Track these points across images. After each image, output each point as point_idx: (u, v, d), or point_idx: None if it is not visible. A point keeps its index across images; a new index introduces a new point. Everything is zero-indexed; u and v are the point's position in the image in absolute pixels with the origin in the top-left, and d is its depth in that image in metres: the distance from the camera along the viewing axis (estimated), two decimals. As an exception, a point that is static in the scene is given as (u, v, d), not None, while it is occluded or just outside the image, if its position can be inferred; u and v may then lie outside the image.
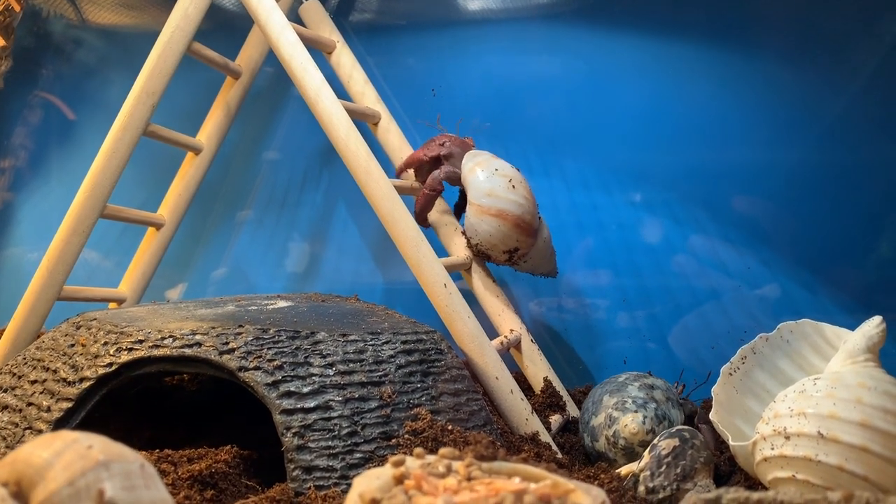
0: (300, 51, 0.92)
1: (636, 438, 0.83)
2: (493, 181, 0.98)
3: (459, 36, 1.24)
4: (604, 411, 0.87)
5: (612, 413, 0.86)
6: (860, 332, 0.71)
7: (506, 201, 0.97)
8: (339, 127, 0.91)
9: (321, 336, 0.74)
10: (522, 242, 1.00)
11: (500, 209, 0.97)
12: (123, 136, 0.99)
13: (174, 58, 1.00)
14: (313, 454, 0.66)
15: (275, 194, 1.33)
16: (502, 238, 0.98)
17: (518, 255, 1.02)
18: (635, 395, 0.86)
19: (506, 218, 0.97)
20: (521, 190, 0.99)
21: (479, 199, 0.98)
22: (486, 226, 0.98)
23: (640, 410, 0.85)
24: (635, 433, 0.83)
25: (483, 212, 0.97)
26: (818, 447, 0.63)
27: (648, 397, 0.86)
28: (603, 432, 0.86)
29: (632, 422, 0.84)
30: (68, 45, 1.44)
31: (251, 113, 1.31)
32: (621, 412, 0.85)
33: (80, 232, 0.99)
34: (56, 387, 0.74)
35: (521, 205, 0.98)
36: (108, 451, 0.43)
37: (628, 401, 0.86)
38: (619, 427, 0.84)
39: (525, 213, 0.98)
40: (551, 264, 1.08)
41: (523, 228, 0.98)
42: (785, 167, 1.09)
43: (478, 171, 0.99)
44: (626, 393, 0.87)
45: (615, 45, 1.17)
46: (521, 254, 1.02)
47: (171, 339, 0.73)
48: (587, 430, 0.89)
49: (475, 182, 0.99)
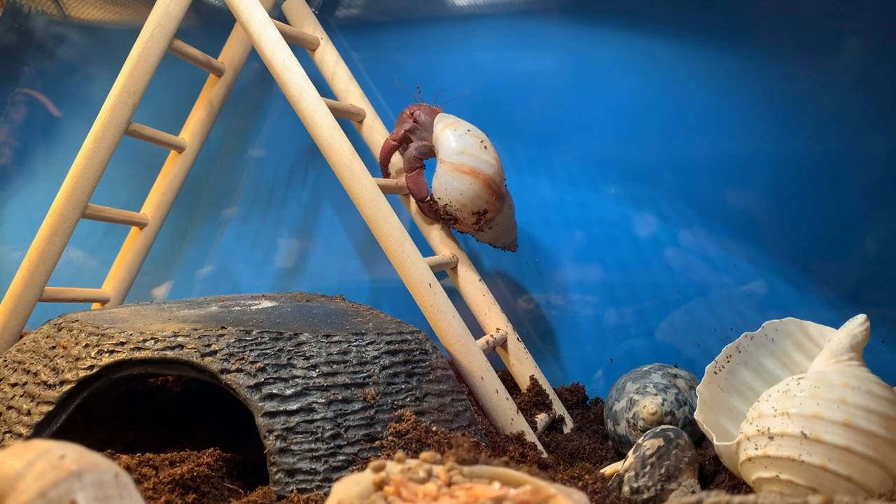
0: (282, 48, 0.91)
1: (654, 419, 0.87)
2: (465, 140, 0.98)
3: (445, 32, 1.23)
4: (626, 396, 0.91)
5: (633, 396, 0.90)
6: (844, 331, 0.70)
7: (478, 160, 0.97)
8: (322, 126, 0.90)
9: (304, 337, 0.73)
10: (491, 205, 0.99)
11: (473, 167, 0.97)
12: (104, 136, 0.98)
13: (155, 56, 0.99)
14: (296, 457, 0.66)
15: (260, 192, 1.32)
16: (472, 198, 0.98)
17: (485, 219, 1.01)
18: (657, 381, 0.90)
19: (478, 176, 0.96)
20: (492, 152, 1.00)
21: (451, 156, 0.97)
22: (457, 183, 0.97)
23: (659, 394, 0.88)
24: (653, 414, 0.87)
25: (455, 169, 0.97)
26: (802, 447, 0.63)
27: (670, 384, 0.89)
28: (624, 416, 0.90)
29: (650, 403, 0.87)
30: (50, 42, 1.42)
31: (236, 110, 1.30)
32: (642, 395, 0.89)
33: (61, 232, 0.98)
34: (36, 390, 0.73)
35: (492, 165, 0.98)
36: (82, 461, 0.43)
37: (650, 385, 0.90)
38: (638, 409, 0.88)
39: (495, 175, 0.98)
40: (513, 236, 1.08)
41: (493, 190, 0.98)
42: (771, 163, 1.09)
43: (448, 131, 0.99)
44: (648, 380, 0.91)
45: (602, 40, 1.17)
46: (489, 218, 1.01)
47: (152, 341, 0.72)
48: (610, 416, 0.92)
49: (447, 141, 0.98)
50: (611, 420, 0.92)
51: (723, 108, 1.11)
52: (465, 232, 1.05)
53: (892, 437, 0.62)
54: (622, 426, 0.90)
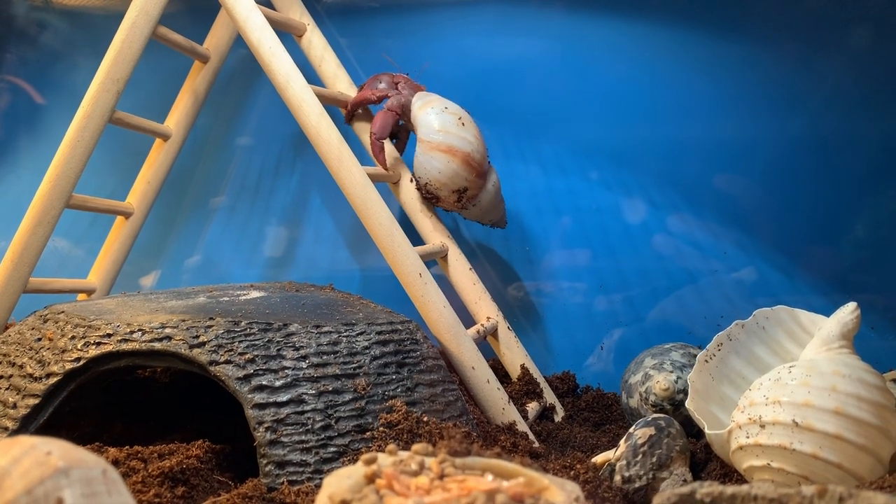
0: (268, 35, 0.90)
1: (666, 395, 0.88)
2: (443, 118, 0.97)
3: (434, 18, 1.22)
4: (642, 370, 0.92)
5: (649, 371, 0.91)
6: (835, 319, 0.71)
7: (456, 137, 0.97)
8: (309, 114, 0.89)
9: (294, 328, 0.73)
10: (472, 183, 0.99)
11: (450, 145, 0.96)
12: (88, 125, 0.96)
13: (139, 43, 0.97)
14: (286, 449, 0.65)
15: (248, 180, 1.31)
16: (451, 176, 0.97)
17: (467, 198, 1.01)
18: (676, 359, 0.91)
19: (455, 154, 0.96)
20: (471, 128, 0.99)
21: (428, 135, 0.97)
22: (435, 162, 0.97)
23: (675, 372, 0.90)
24: (665, 390, 0.88)
25: (433, 147, 0.96)
26: (793, 435, 0.63)
27: (688, 363, 0.90)
28: (638, 389, 0.91)
29: (664, 380, 0.89)
30: (33, 29, 1.39)
31: (223, 98, 1.29)
32: (657, 371, 0.90)
33: (45, 223, 0.96)
34: (22, 382, 0.72)
35: (470, 142, 0.98)
36: (68, 457, 0.42)
37: (667, 363, 0.91)
38: (651, 384, 0.90)
39: (474, 152, 0.98)
40: (500, 212, 1.08)
41: (473, 167, 0.98)
42: (762, 150, 1.09)
43: (427, 108, 0.99)
44: (667, 357, 0.92)
45: (592, 27, 1.16)
46: (471, 196, 1.01)
47: (140, 332, 0.71)
48: (625, 388, 0.94)
49: (425, 119, 0.98)
50: (625, 392, 0.94)
51: (713, 94, 1.11)
52: (450, 210, 1.05)
53: (883, 425, 0.63)
54: (635, 399, 0.91)
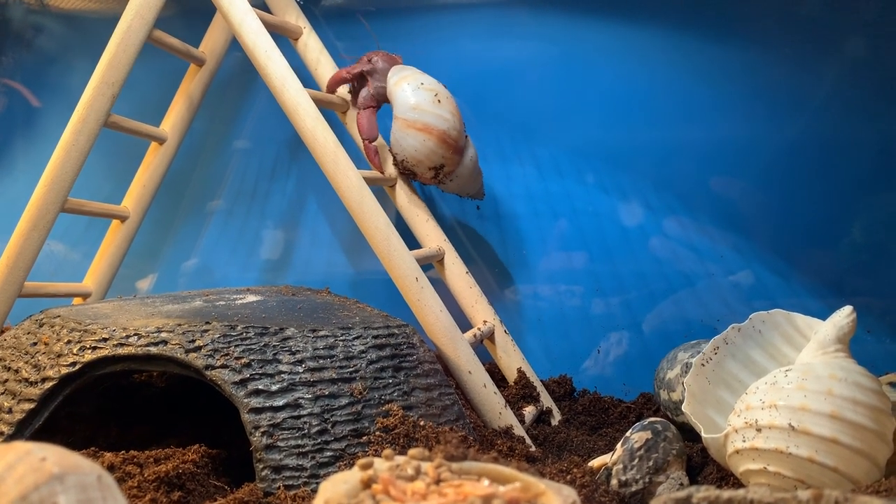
0: (264, 38, 0.90)
1: None
2: (418, 95, 0.97)
3: (430, 21, 1.22)
4: (679, 364, 0.92)
5: (689, 361, 0.90)
6: (831, 323, 0.71)
7: (431, 115, 0.97)
8: (305, 117, 0.89)
9: (290, 332, 0.72)
10: (448, 159, 0.99)
11: (426, 123, 0.96)
12: (83, 129, 0.96)
13: (134, 47, 0.97)
14: (282, 453, 0.65)
15: (245, 184, 1.30)
16: (428, 154, 0.97)
17: (444, 173, 1.01)
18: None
19: (431, 132, 0.96)
20: (447, 105, 0.99)
21: (404, 113, 0.97)
22: (411, 140, 0.97)
23: None
24: None
25: (408, 125, 0.96)
26: (789, 439, 0.63)
27: None
28: (680, 380, 0.90)
29: None
30: (28, 32, 1.39)
31: (219, 101, 1.28)
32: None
33: (40, 227, 0.96)
34: (18, 387, 0.72)
35: (446, 119, 0.98)
36: (63, 463, 0.42)
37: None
38: None
39: (451, 129, 0.98)
40: (478, 185, 1.08)
41: (449, 144, 0.98)
42: (758, 153, 1.09)
43: (403, 84, 0.98)
44: (699, 349, 0.91)
45: (588, 30, 1.16)
46: (447, 171, 1.01)
47: (136, 336, 0.71)
48: (663, 385, 0.94)
49: (401, 96, 0.98)
50: (665, 389, 0.93)
51: (709, 97, 1.11)
52: (427, 184, 1.05)
53: (879, 429, 0.63)
54: (678, 391, 0.91)
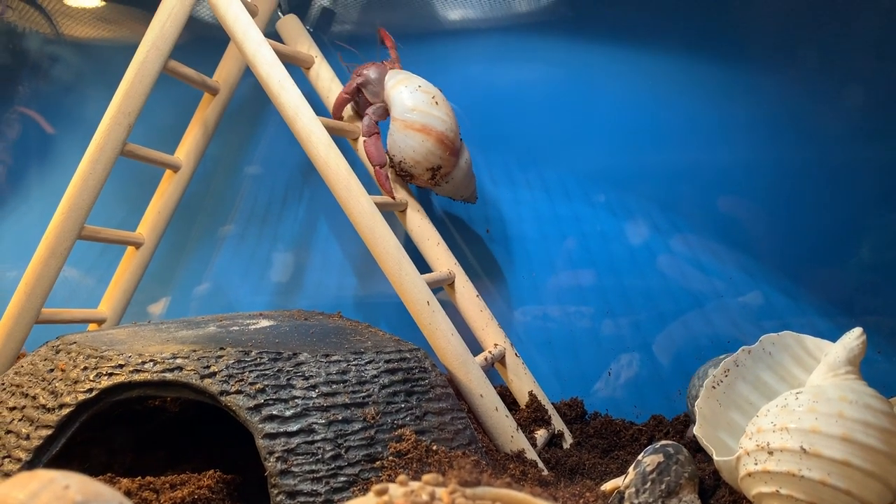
0: (277, 69, 0.92)
1: None
2: (416, 97, 0.99)
3: (439, 48, 1.24)
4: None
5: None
6: (841, 345, 0.71)
7: (430, 116, 0.98)
8: (318, 145, 0.90)
9: (303, 357, 0.73)
10: (445, 161, 1.00)
11: (424, 124, 0.98)
12: (100, 157, 0.98)
13: (150, 77, 0.99)
14: (297, 478, 0.66)
15: (256, 209, 1.32)
16: (426, 155, 0.99)
17: (440, 175, 1.02)
18: None
19: (430, 133, 0.97)
20: (444, 107, 1.00)
21: (402, 114, 0.98)
22: (410, 141, 0.98)
23: None
24: None
25: (407, 126, 0.98)
26: (801, 462, 0.63)
27: None
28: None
29: None
30: (45, 62, 1.42)
31: (231, 127, 1.30)
32: None
33: (57, 254, 0.98)
34: (35, 413, 0.72)
35: (444, 121, 0.99)
36: (86, 491, 0.43)
37: None
38: None
39: (448, 131, 0.99)
40: (471, 189, 1.10)
41: (446, 145, 0.99)
42: (765, 174, 1.10)
43: (401, 87, 1.00)
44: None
45: (595, 54, 1.17)
46: (444, 173, 1.02)
47: (151, 363, 0.72)
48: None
49: (399, 98, 0.99)
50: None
51: (716, 119, 1.12)
52: (423, 186, 1.07)
53: (891, 451, 0.63)
54: None
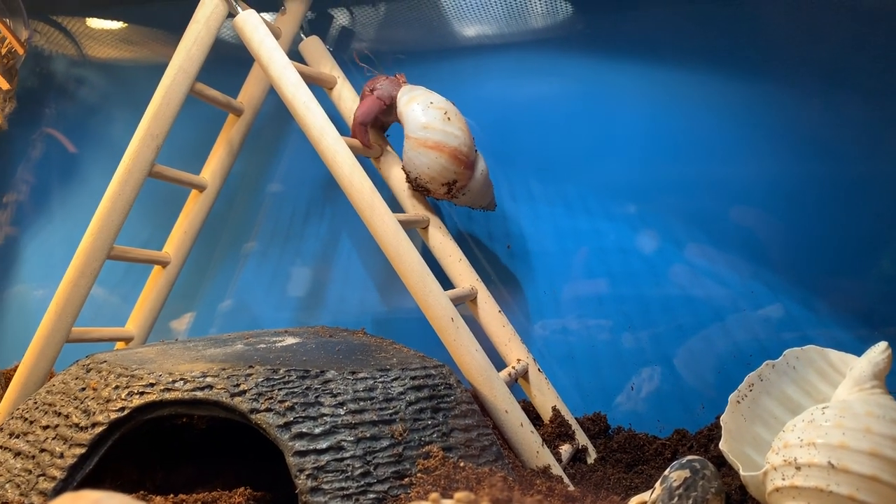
0: (303, 91, 0.93)
1: None
2: (428, 114, 1.00)
3: (458, 66, 1.25)
4: None
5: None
6: (866, 359, 0.71)
7: (442, 133, 0.99)
8: (343, 165, 0.92)
9: (331, 375, 0.74)
10: (460, 175, 1.01)
11: (438, 141, 0.98)
12: (129, 179, 1.00)
13: (178, 100, 1.01)
14: (327, 496, 0.66)
15: (279, 226, 1.34)
16: (440, 171, 0.99)
17: (457, 188, 1.03)
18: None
19: (443, 150, 0.98)
20: (457, 122, 1.01)
21: (415, 132, 0.99)
22: (424, 158, 0.99)
23: None
24: None
25: (420, 144, 0.99)
26: (829, 477, 0.63)
27: None
28: None
29: None
30: (71, 84, 1.45)
31: (254, 145, 1.32)
32: None
33: (87, 274, 1.00)
34: (68, 432, 0.74)
35: (457, 136, 1.00)
36: (129, 511, 0.44)
37: None
38: None
39: (462, 145, 1.00)
40: (489, 197, 1.10)
41: (461, 160, 1.00)
42: (785, 188, 1.10)
43: (413, 104, 1.01)
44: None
45: (613, 70, 1.18)
46: (460, 186, 1.03)
47: (182, 381, 0.73)
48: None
49: (411, 115, 1.00)
50: None
51: (736, 132, 1.12)
52: (440, 199, 1.07)
53: (919, 466, 0.63)
54: None
